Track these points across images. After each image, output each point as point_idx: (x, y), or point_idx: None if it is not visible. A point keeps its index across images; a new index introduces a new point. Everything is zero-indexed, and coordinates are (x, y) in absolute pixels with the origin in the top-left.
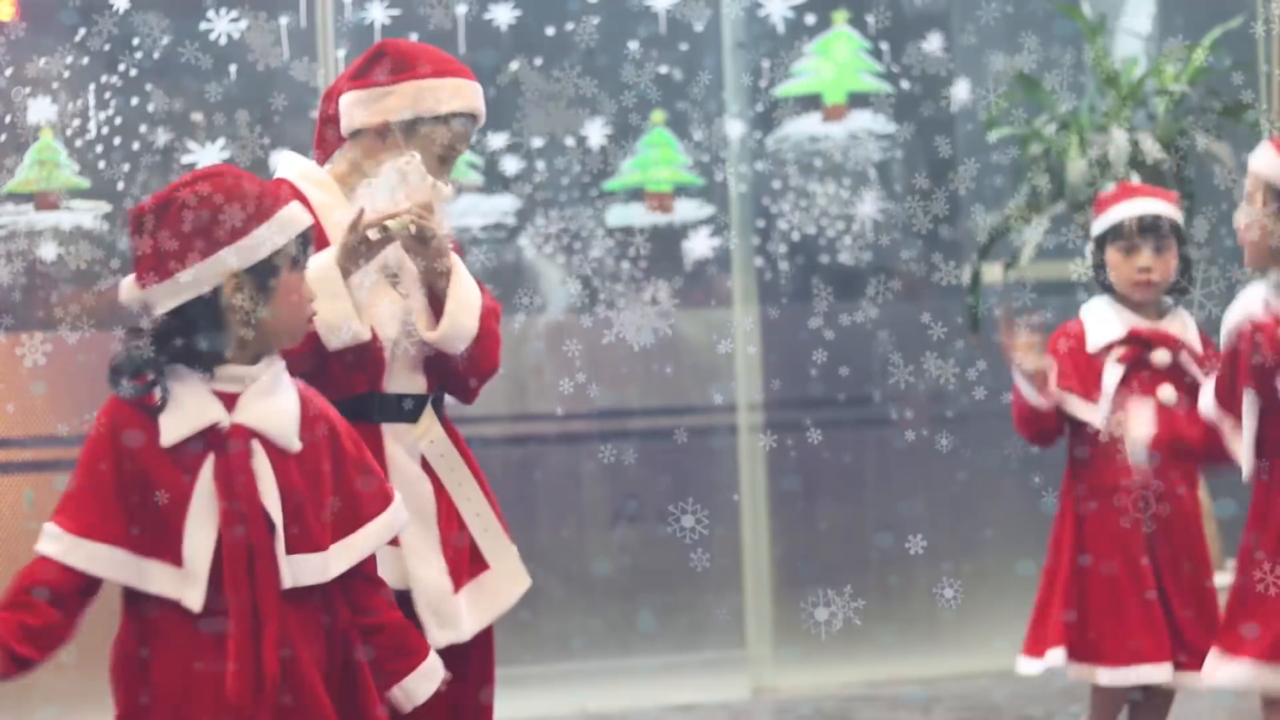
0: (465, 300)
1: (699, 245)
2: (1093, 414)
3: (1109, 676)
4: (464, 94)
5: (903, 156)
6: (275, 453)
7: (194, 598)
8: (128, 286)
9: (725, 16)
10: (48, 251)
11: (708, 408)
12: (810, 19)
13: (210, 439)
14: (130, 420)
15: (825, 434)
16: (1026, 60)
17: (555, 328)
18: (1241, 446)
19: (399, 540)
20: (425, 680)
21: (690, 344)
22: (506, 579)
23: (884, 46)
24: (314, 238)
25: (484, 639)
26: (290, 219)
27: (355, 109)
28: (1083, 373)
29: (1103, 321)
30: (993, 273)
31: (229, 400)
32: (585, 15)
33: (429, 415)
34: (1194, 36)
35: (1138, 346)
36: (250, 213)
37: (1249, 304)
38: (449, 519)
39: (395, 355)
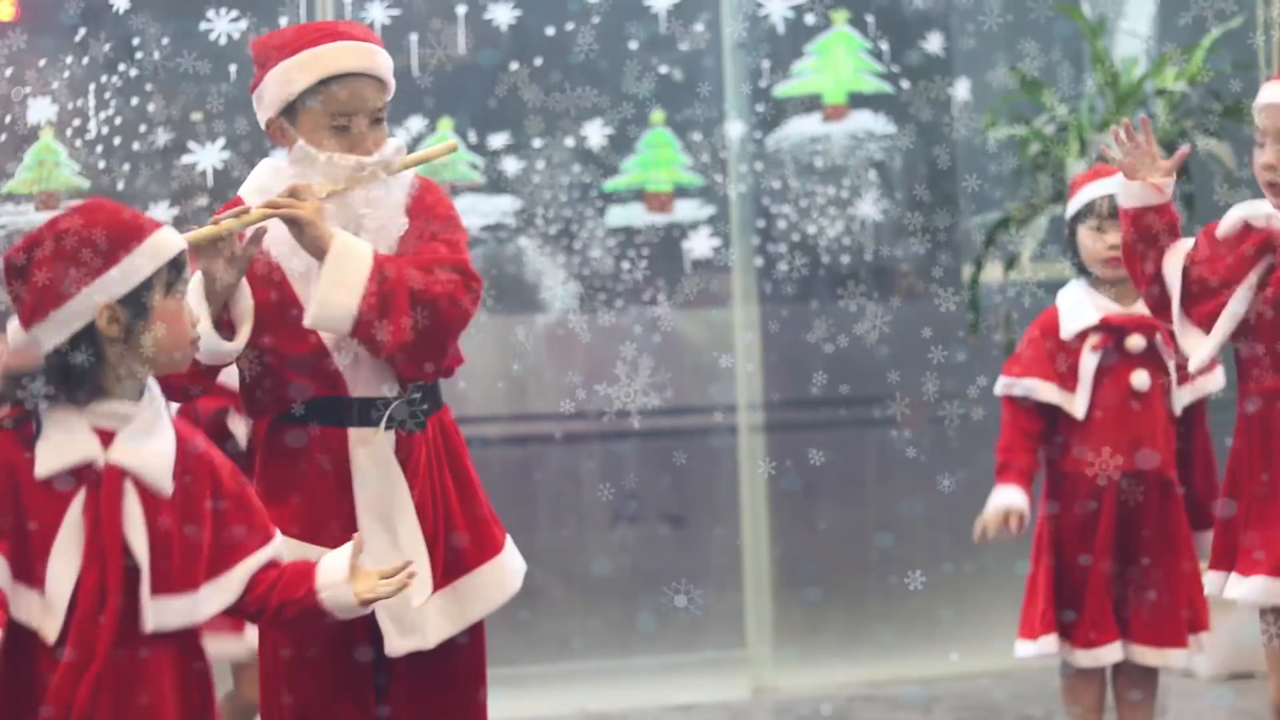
0: (339, 278)
1: (699, 245)
2: (1071, 403)
3: (1086, 659)
4: (320, 61)
5: (903, 157)
6: (147, 494)
7: (51, 629)
8: (14, 330)
9: (725, 17)
10: None
11: (708, 407)
12: (810, 19)
13: (83, 475)
14: (10, 448)
15: (825, 434)
16: (1026, 61)
17: (555, 328)
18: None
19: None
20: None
21: (690, 344)
22: (487, 584)
23: (884, 47)
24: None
25: (473, 641)
26: (160, 245)
27: (258, 114)
28: (1058, 362)
29: (1076, 308)
30: (993, 273)
31: (107, 437)
32: (585, 15)
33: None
34: (1194, 37)
35: (1111, 334)
36: (117, 243)
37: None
38: (424, 523)
39: (356, 362)
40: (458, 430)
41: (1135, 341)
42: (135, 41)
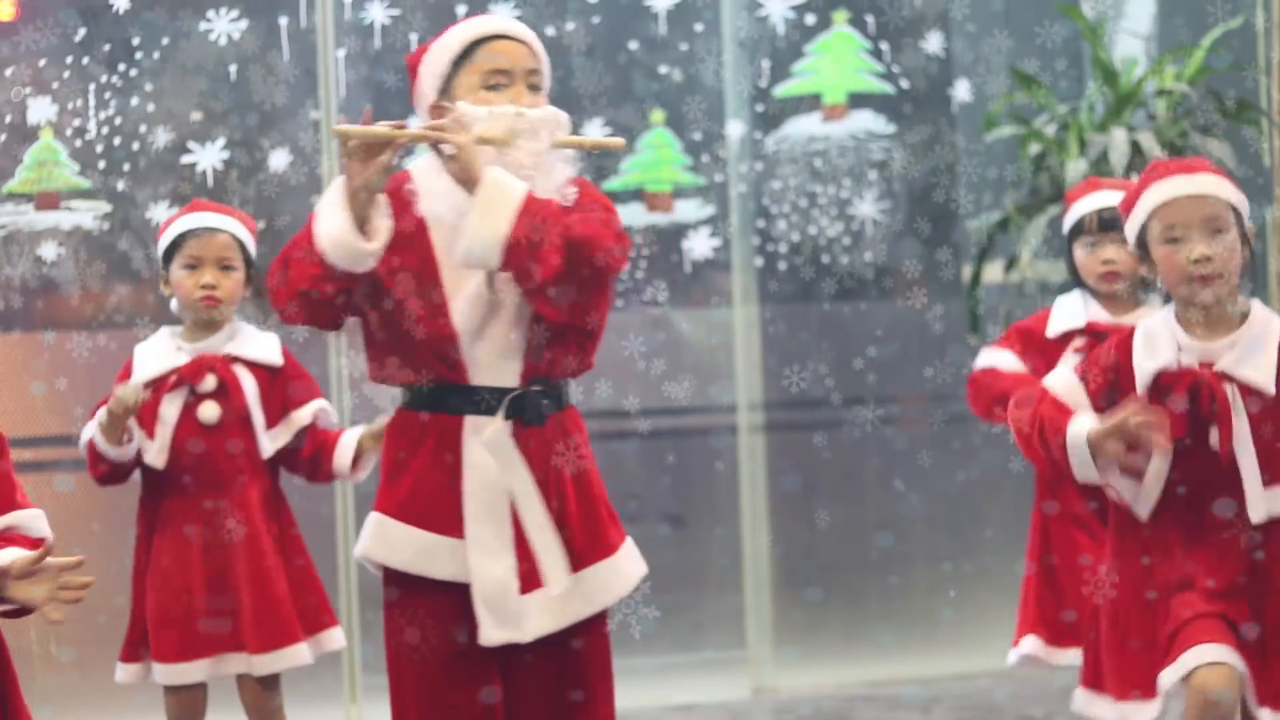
0: (490, 207)
1: (699, 245)
2: None
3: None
4: (467, 28)
5: (903, 157)
6: None
7: None
8: None
9: (725, 16)
10: (48, 251)
11: (708, 408)
12: (810, 19)
13: None
14: None
15: (825, 434)
16: (1026, 61)
17: None
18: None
19: (463, 534)
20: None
21: (690, 344)
22: (593, 585)
23: (884, 47)
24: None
25: (594, 640)
26: None
27: (420, 116)
28: (1037, 352)
29: (1068, 311)
30: (993, 273)
31: None
32: (586, 15)
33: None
34: (1194, 37)
35: (1095, 339)
36: None
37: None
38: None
39: (478, 345)
40: (582, 430)
41: None
42: (135, 41)
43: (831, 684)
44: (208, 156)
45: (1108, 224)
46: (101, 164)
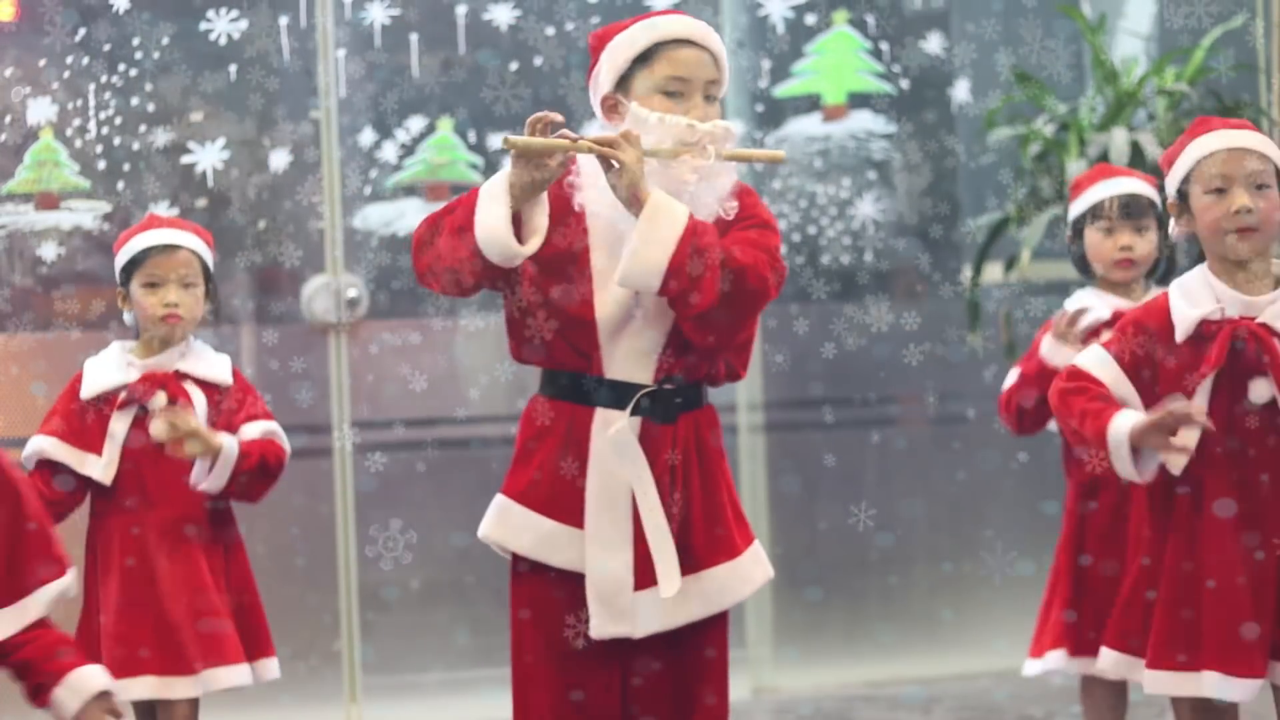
0: (653, 233)
1: None
2: None
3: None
4: (657, 27)
5: (903, 157)
6: None
7: None
8: None
9: (725, 16)
10: (48, 252)
11: None
12: (810, 19)
13: None
14: None
15: (825, 434)
16: (1026, 61)
17: None
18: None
19: (584, 524)
20: (72, 693)
21: None
22: (710, 587)
23: (884, 47)
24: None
25: (708, 639)
26: None
27: (593, 100)
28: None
29: (1087, 305)
30: (993, 273)
31: None
32: (585, 15)
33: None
34: (1194, 37)
35: None
36: None
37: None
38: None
39: (617, 340)
40: (717, 432)
41: None
42: (135, 41)
43: (832, 684)
44: (208, 156)
45: (1127, 209)
46: (102, 164)
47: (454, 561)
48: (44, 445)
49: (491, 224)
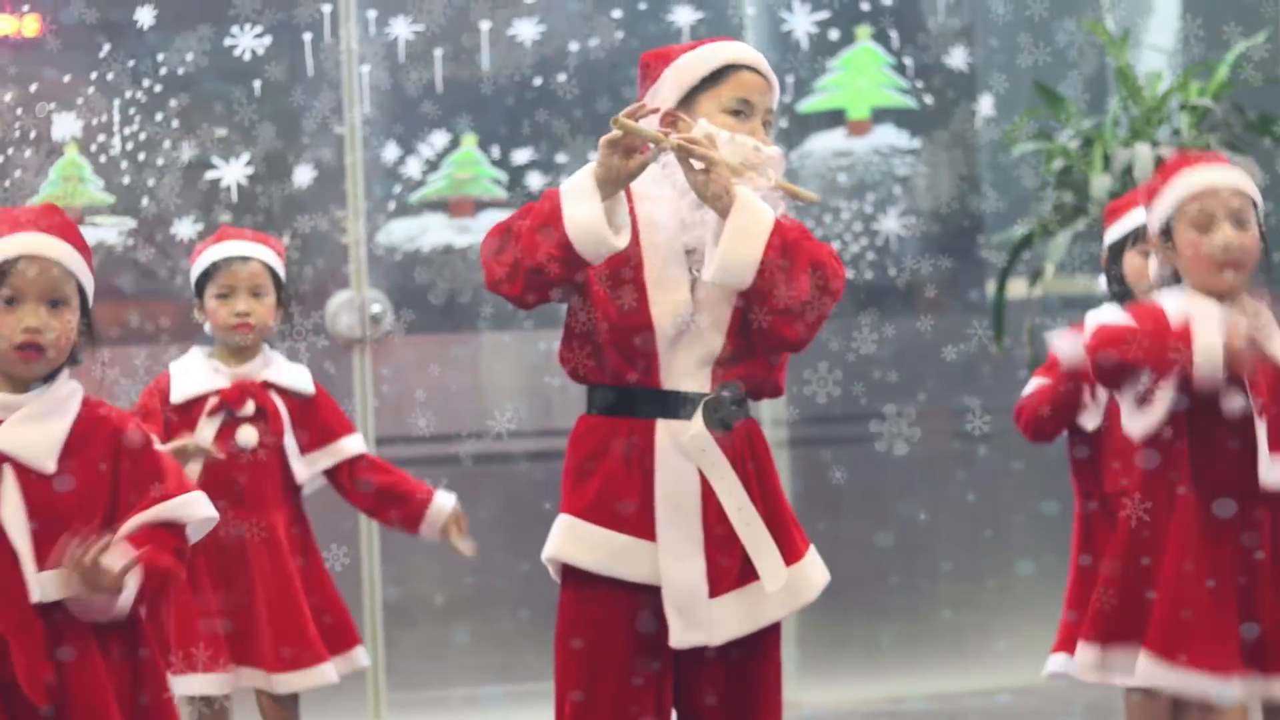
0: (744, 228)
1: None
2: (1086, 415)
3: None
4: (727, 49)
5: (927, 172)
6: (28, 475)
7: None
8: None
9: (749, 32)
10: None
11: None
12: (834, 34)
13: None
14: None
15: (849, 448)
16: (1050, 76)
17: None
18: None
19: (655, 536)
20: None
21: None
22: (785, 589)
23: (908, 62)
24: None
25: (766, 644)
26: None
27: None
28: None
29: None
30: (1016, 288)
31: None
32: (609, 31)
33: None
34: (1218, 51)
35: None
36: None
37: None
38: (722, 521)
39: (675, 350)
40: (765, 442)
41: None
42: (160, 57)
43: (854, 699)
44: (232, 172)
45: None
46: (126, 180)
47: (478, 577)
48: None
49: (584, 216)
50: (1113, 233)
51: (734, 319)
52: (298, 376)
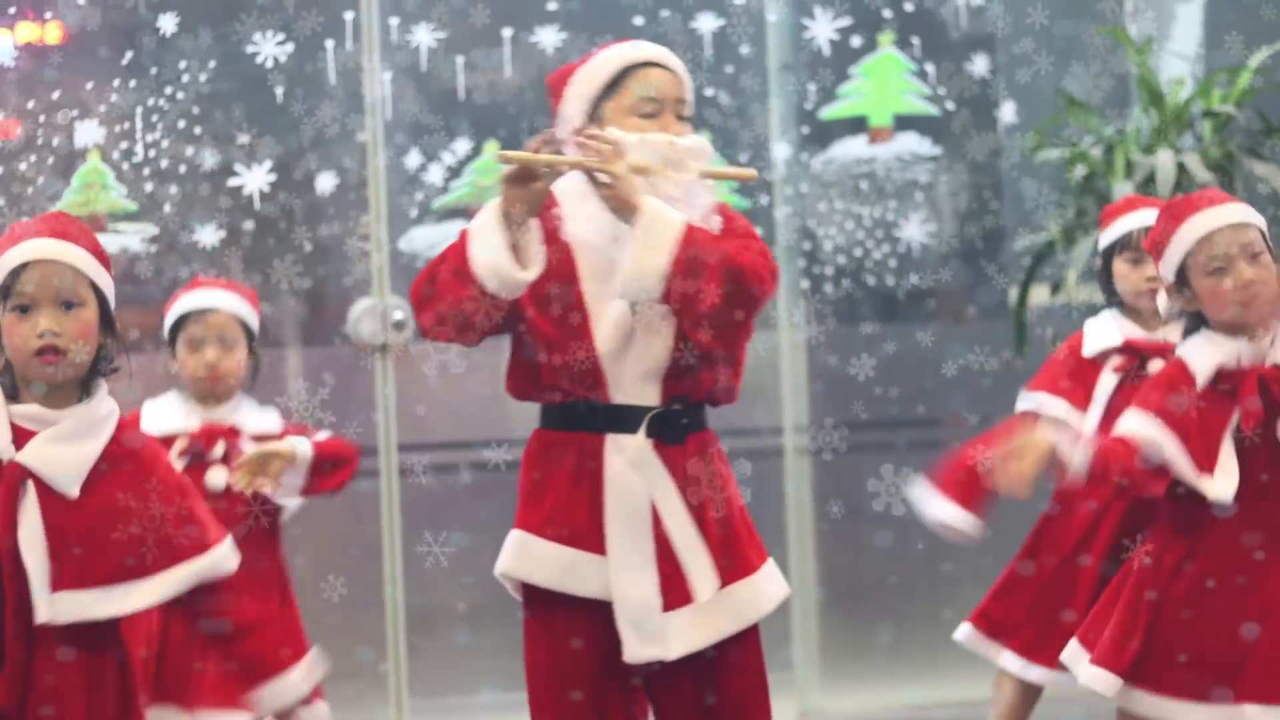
0: (649, 240)
1: None
2: (1080, 422)
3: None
4: (622, 53)
5: (949, 179)
6: (50, 494)
7: None
8: None
9: (771, 39)
10: None
11: (753, 430)
12: (856, 41)
13: None
14: None
15: (872, 457)
16: (1072, 83)
17: None
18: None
19: (605, 550)
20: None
21: None
22: (733, 602)
23: (930, 69)
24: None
25: (746, 657)
26: None
27: (562, 137)
28: (1077, 379)
29: (1102, 330)
30: (1039, 295)
31: (28, 437)
32: (631, 38)
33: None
34: (1241, 58)
35: (1134, 357)
36: None
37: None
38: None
39: (620, 364)
40: (720, 453)
41: (1157, 367)
42: (182, 65)
43: (878, 707)
44: (254, 179)
45: None
46: (148, 186)
47: (500, 584)
48: None
49: (489, 255)
50: (1104, 238)
51: (677, 330)
52: (266, 420)
